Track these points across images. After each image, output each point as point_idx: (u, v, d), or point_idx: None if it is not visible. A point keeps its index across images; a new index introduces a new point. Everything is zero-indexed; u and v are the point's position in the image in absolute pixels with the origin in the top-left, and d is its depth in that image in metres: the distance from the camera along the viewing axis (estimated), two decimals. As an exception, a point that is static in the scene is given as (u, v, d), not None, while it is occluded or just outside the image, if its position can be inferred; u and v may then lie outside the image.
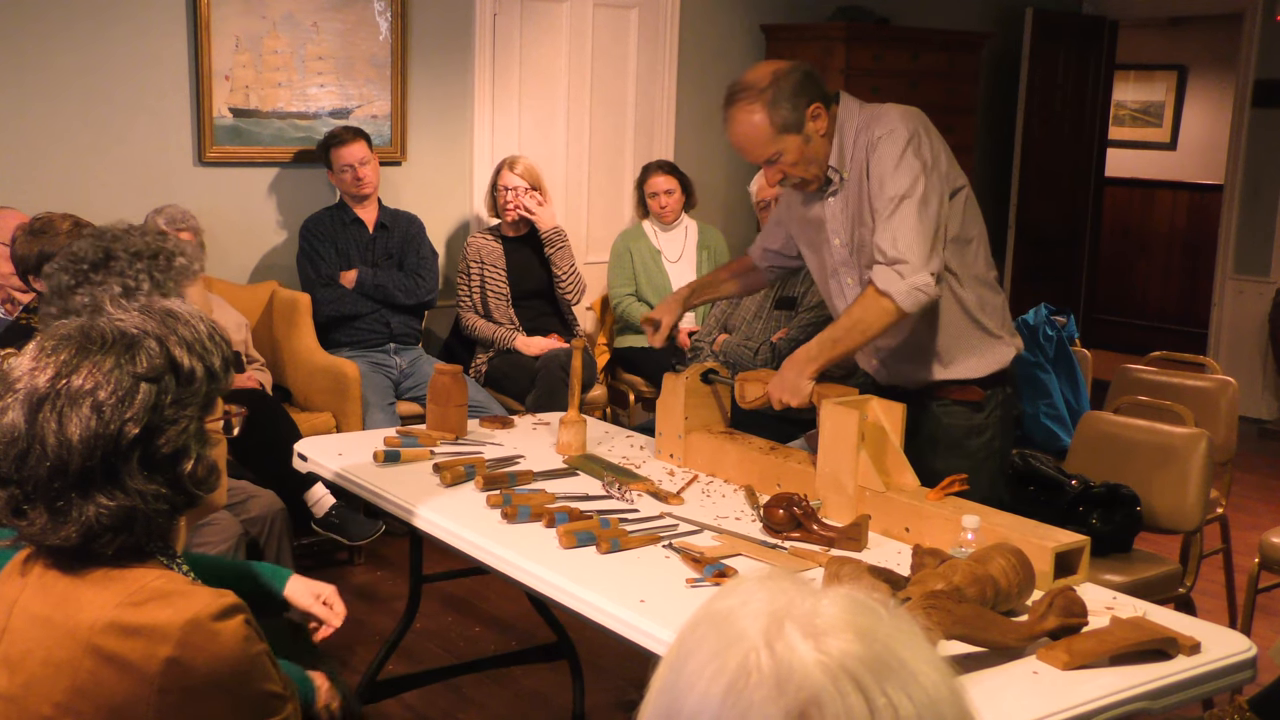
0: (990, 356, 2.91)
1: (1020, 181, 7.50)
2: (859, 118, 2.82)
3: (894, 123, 2.75)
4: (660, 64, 6.13)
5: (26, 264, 3.63)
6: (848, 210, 2.85)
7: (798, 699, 0.80)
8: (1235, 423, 4.03)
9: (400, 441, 3.13)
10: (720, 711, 0.81)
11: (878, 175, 2.73)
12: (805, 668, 0.81)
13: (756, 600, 0.86)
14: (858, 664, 0.81)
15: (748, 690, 0.81)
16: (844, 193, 2.84)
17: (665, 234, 5.53)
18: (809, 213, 2.95)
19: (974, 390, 2.91)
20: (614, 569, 2.35)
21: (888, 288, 2.67)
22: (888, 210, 2.71)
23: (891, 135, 2.73)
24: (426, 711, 3.51)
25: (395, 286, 4.94)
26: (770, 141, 2.76)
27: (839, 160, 2.82)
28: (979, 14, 7.26)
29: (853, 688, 0.80)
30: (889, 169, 2.72)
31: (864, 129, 2.80)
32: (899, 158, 2.71)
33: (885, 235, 2.70)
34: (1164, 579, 3.32)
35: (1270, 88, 6.98)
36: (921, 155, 2.72)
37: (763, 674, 0.81)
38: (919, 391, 2.91)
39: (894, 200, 2.70)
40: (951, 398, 2.91)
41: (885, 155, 2.72)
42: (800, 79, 2.76)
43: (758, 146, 2.78)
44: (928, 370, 2.90)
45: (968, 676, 1.90)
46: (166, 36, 4.81)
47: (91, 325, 1.59)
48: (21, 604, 1.57)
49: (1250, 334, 7.11)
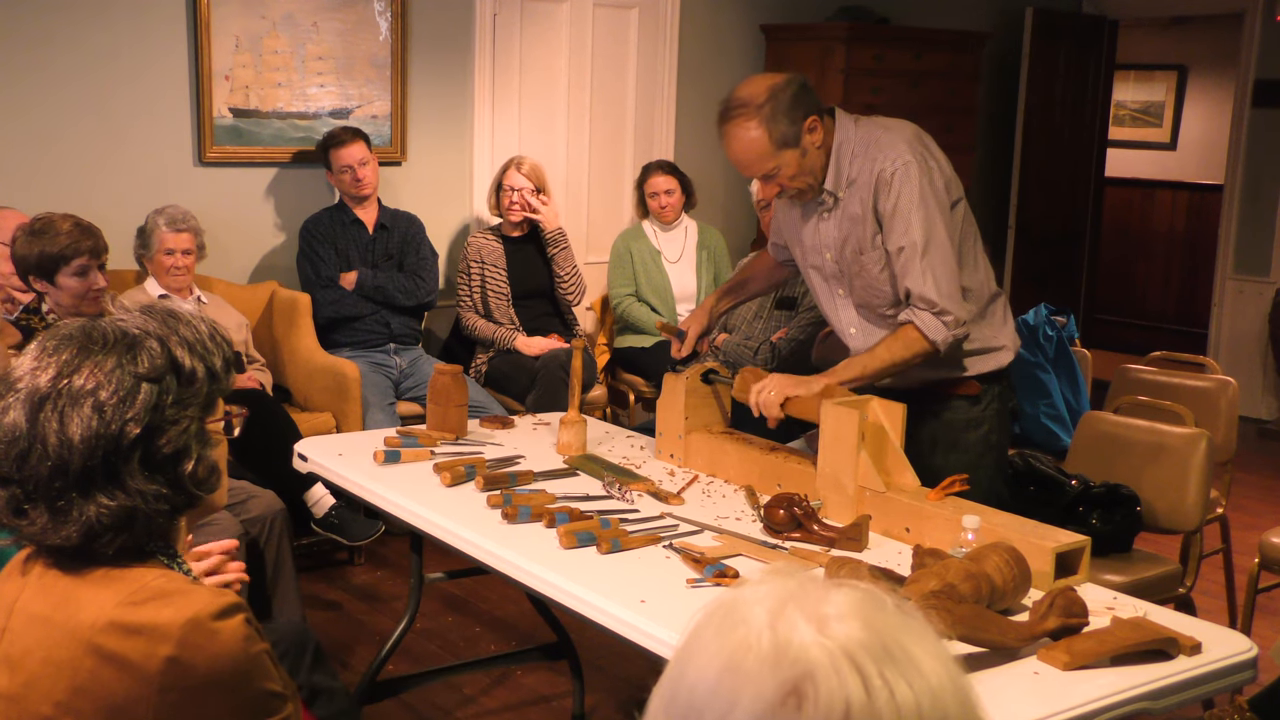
0: (989, 359, 2.94)
1: (1020, 181, 7.50)
2: (856, 139, 2.81)
3: (903, 154, 2.75)
4: (660, 64, 6.13)
5: (27, 264, 3.63)
6: (840, 230, 2.85)
7: (792, 673, 0.81)
8: (1235, 423, 4.03)
9: (400, 441, 3.13)
10: (717, 682, 0.82)
11: (900, 214, 2.73)
12: (804, 646, 0.82)
13: (766, 588, 0.87)
14: (859, 648, 0.82)
15: (745, 663, 0.82)
16: (836, 212, 2.85)
17: (665, 234, 5.53)
18: (803, 223, 2.96)
19: (971, 384, 2.93)
20: (614, 569, 2.35)
21: (935, 336, 2.74)
22: (918, 255, 2.73)
23: (906, 172, 2.73)
24: (426, 711, 3.51)
25: (395, 288, 4.94)
26: (768, 157, 2.75)
27: (834, 182, 2.81)
28: (979, 14, 7.26)
29: (850, 669, 0.81)
30: (913, 209, 2.73)
31: (864, 154, 2.79)
32: (920, 198, 2.73)
33: (925, 282, 2.73)
34: (1164, 579, 3.32)
35: (1270, 88, 6.98)
36: (936, 191, 2.75)
37: (761, 649, 0.82)
38: (915, 390, 2.92)
39: (921, 246, 2.72)
40: (948, 392, 2.92)
41: (905, 196, 2.73)
42: (796, 92, 2.74)
43: (756, 163, 2.77)
44: (927, 371, 2.90)
45: (968, 674, 1.90)
46: (166, 36, 4.81)
47: (93, 325, 1.59)
48: (22, 603, 1.57)
49: (1250, 334, 7.12)
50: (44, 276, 3.63)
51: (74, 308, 3.63)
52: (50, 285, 3.63)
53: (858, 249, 2.82)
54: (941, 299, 2.73)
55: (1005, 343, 2.96)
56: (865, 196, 2.78)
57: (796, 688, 0.80)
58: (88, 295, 3.65)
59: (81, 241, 3.63)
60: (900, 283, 2.78)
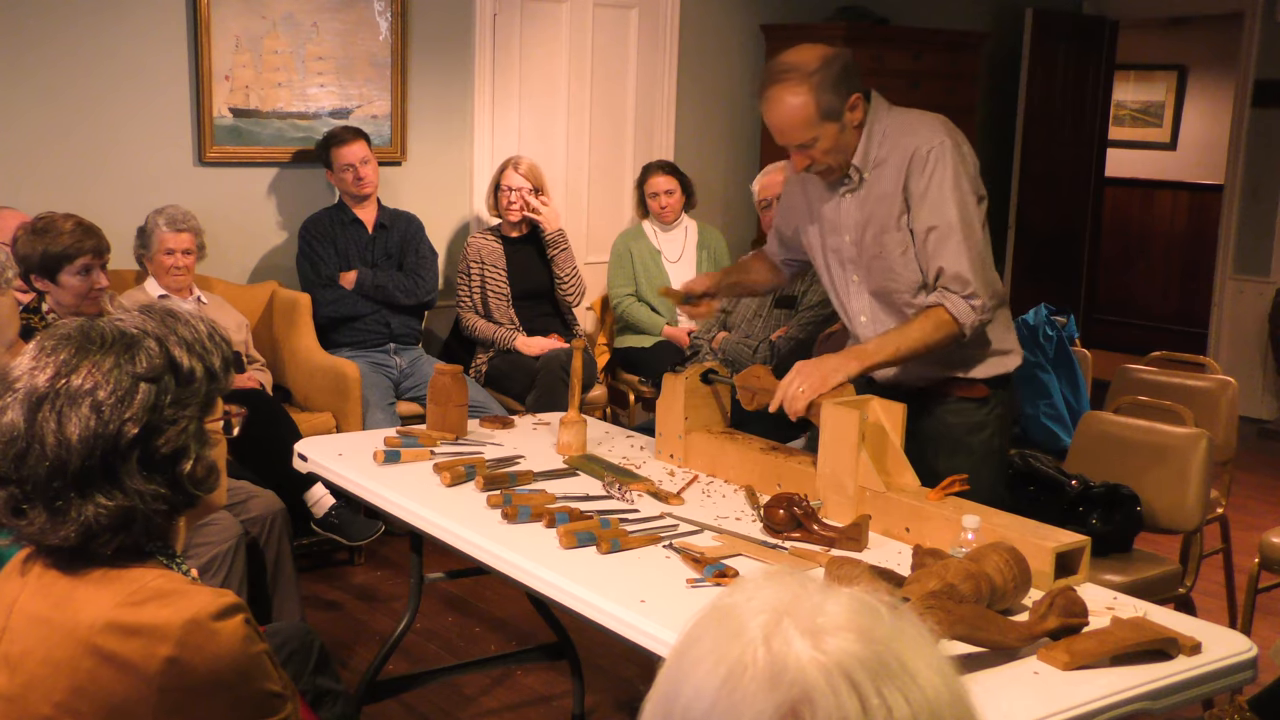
0: (998, 363, 2.92)
1: (1020, 181, 7.50)
2: (887, 120, 2.80)
3: (940, 134, 2.74)
4: (660, 64, 6.13)
5: (29, 263, 3.63)
6: (863, 210, 2.83)
7: (789, 694, 0.80)
8: (1235, 423, 4.03)
9: (400, 441, 3.13)
10: (714, 702, 0.82)
11: (933, 193, 2.72)
12: (800, 664, 0.81)
13: (761, 596, 0.87)
14: (855, 664, 0.81)
15: (742, 683, 0.81)
16: (860, 193, 2.83)
17: (665, 234, 5.53)
18: (821, 205, 2.92)
19: (979, 387, 2.91)
20: (614, 569, 2.35)
21: (964, 320, 2.72)
22: (954, 234, 2.71)
23: (942, 151, 2.72)
24: (426, 711, 3.51)
25: (395, 287, 4.94)
26: (811, 126, 2.72)
27: (862, 159, 2.80)
28: (979, 14, 7.26)
29: (847, 687, 0.80)
30: (948, 190, 2.71)
31: (895, 134, 2.78)
32: (955, 179, 2.71)
33: (960, 261, 2.71)
34: (1164, 579, 3.31)
35: (1270, 88, 6.98)
36: (971, 176, 2.74)
37: (758, 668, 0.82)
38: (922, 390, 2.91)
39: (952, 229, 2.71)
40: (956, 394, 2.91)
41: (940, 175, 2.71)
42: (844, 66, 2.73)
43: (797, 130, 2.73)
44: (936, 370, 2.90)
45: (968, 676, 1.90)
46: (166, 37, 4.81)
47: (91, 325, 1.59)
48: (21, 604, 1.57)
49: (1250, 334, 7.11)
50: (46, 275, 3.63)
51: (74, 307, 3.63)
52: (52, 284, 3.64)
53: (881, 229, 2.80)
54: (974, 279, 2.71)
55: (1013, 347, 2.95)
56: (896, 175, 2.76)
57: (794, 709, 0.80)
58: (89, 295, 3.66)
59: (84, 241, 3.64)
60: (931, 263, 2.75)
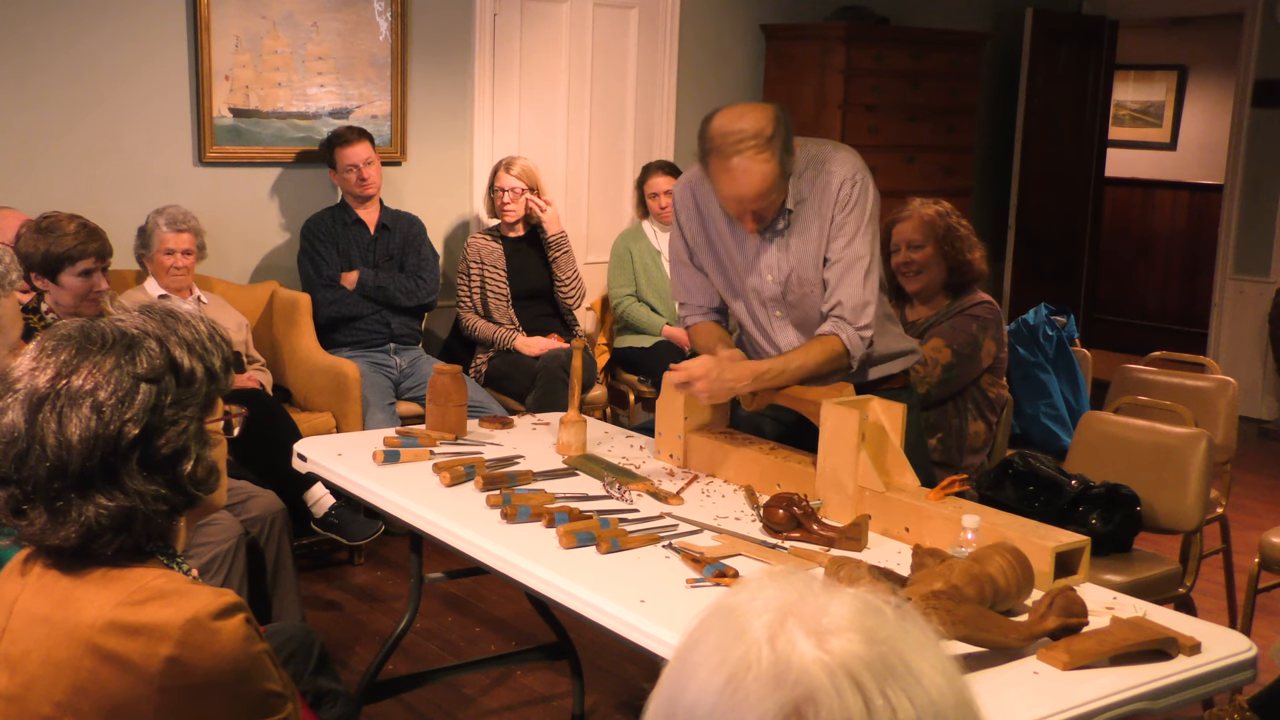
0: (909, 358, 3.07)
1: (1020, 181, 7.49)
2: (800, 154, 2.79)
3: (854, 166, 2.79)
4: (660, 64, 6.13)
5: (30, 261, 3.63)
6: (787, 250, 2.84)
7: (793, 694, 0.80)
8: (1235, 423, 4.03)
9: (400, 441, 3.13)
10: (717, 702, 0.82)
11: (850, 227, 2.77)
12: (804, 664, 0.81)
13: (765, 596, 0.87)
14: (859, 664, 0.81)
15: (745, 683, 0.81)
16: (786, 232, 2.83)
17: (665, 234, 5.52)
18: (739, 249, 2.90)
19: (899, 377, 3.04)
20: (614, 569, 2.35)
21: (854, 351, 2.81)
22: (863, 270, 2.78)
23: (864, 186, 2.77)
24: (426, 711, 3.51)
25: (396, 288, 4.94)
26: (778, 188, 2.72)
27: (794, 200, 2.80)
28: (979, 14, 7.26)
29: (851, 687, 0.80)
30: (864, 225, 2.78)
31: (813, 167, 2.79)
32: (869, 215, 2.79)
33: (862, 296, 2.78)
34: (1164, 579, 3.32)
35: (1270, 88, 6.98)
36: (876, 214, 2.82)
37: (761, 668, 0.82)
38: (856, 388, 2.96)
39: (859, 262, 2.78)
40: (883, 387, 2.97)
41: (860, 209, 2.77)
42: (787, 121, 2.72)
43: (765, 195, 2.70)
44: (864, 375, 2.98)
45: (967, 677, 1.90)
46: (166, 36, 4.81)
47: (92, 326, 1.59)
48: (21, 604, 1.57)
49: (1250, 334, 7.11)
50: (46, 274, 3.64)
51: (73, 308, 3.64)
52: (52, 284, 3.64)
53: (807, 268, 2.82)
54: (866, 317, 2.79)
55: (913, 345, 3.10)
56: (817, 210, 2.78)
57: (798, 709, 0.80)
58: (89, 296, 3.66)
59: (88, 244, 3.65)
60: (834, 292, 2.79)
